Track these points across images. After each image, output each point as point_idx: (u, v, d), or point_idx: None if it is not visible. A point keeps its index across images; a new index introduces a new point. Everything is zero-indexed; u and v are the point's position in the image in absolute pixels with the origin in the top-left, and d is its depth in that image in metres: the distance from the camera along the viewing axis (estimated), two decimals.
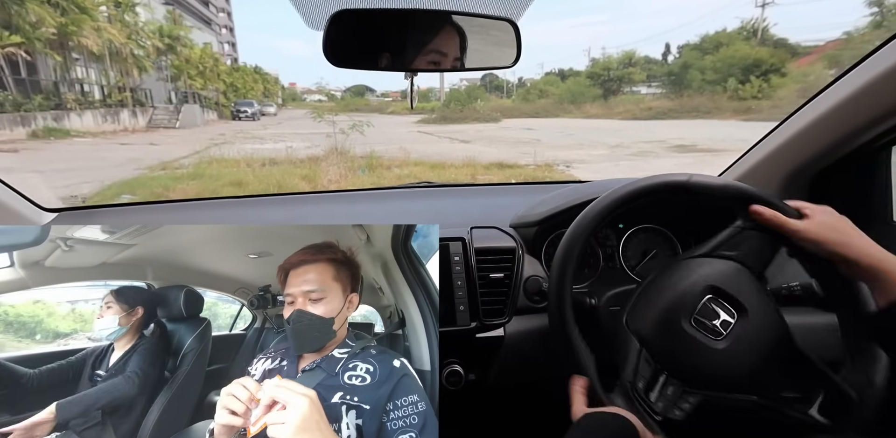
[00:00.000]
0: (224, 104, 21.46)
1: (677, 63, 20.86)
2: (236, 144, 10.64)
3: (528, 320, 0.87)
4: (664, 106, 17.46)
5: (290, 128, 14.14)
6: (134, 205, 1.20)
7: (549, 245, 0.93)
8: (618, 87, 22.10)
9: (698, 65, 18.52)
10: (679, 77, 19.57)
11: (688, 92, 18.15)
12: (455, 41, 0.71)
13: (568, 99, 21.18)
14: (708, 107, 15.83)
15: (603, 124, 15.54)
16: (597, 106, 19.97)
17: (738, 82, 16.21)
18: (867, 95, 0.75)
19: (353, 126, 8.30)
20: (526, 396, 1.01)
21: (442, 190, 1.27)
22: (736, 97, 15.89)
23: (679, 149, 9.47)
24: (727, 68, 17.17)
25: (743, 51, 17.62)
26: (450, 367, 0.85)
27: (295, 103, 24.27)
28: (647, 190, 0.67)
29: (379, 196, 1.24)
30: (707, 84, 17.53)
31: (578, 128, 14.55)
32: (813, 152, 0.86)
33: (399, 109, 25.19)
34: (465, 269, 0.85)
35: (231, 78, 22.56)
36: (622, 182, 0.71)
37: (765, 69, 16.39)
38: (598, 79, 21.99)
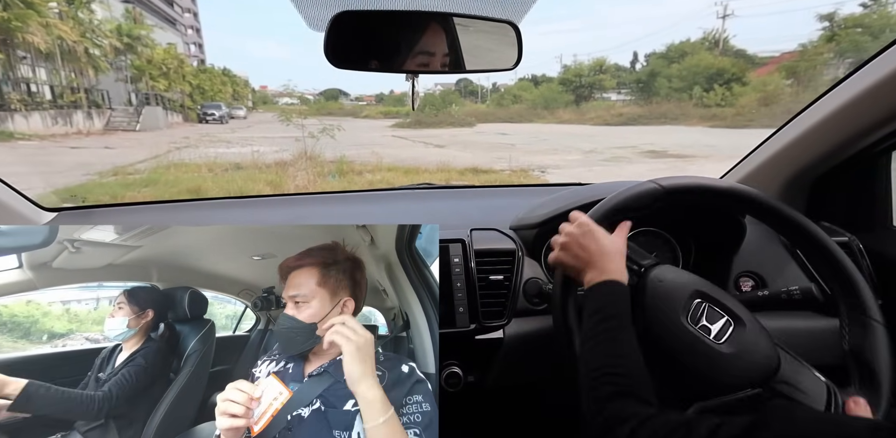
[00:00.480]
0: (190, 107, 20.68)
1: (645, 71, 21.49)
2: (201, 148, 10.18)
3: (528, 322, 0.87)
4: (634, 112, 17.92)
5: (260, 132, 13.68)
6: (135, 204, 1.18)
7: (548, 247, 0.92)
8: (589, 94, 22.59)
9: (665, 73, 19.15)
10: (647, 84, 20.18)
11: (656, 99, 18.71)
12: (457, 43, 0.71)
13: (541, 104, 21.50)
14: (675, 113, 16.33)
15: (576, 129, 15.77)
16: (569, 111, 20.32)
17: (702, 90, 16.82)
18: (867, 100, 0.75)
19: (324, 130, 8.02)
20: (525, 398, 1.01)
21: (442, 191, 1.26)
22: (701, 104, 16.47)
23: (651, 155, 9.63)
24: (692, 76, 17.79)
25: (706, 60, 18.30)
26: (449, 369, 0.85)
27: (266, 106, 23.73)
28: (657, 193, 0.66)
29: (379, 197, 1.23)
30: (674, 91, 18.11)
31: (552, 133, 14.75)
32: (813, 156, 0.87)
33: (373, 113, 24.97)
34: (464, 271, 0.85)
35: (197, 80, 21.72)
36: (625, 184, 0.71)
37: (727, 78, 17.05)
38: (571, 86, 22.45)
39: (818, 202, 0.95)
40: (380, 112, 25.57)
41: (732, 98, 16.12)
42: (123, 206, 1.13)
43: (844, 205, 0.84)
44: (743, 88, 16.41)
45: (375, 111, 26.42)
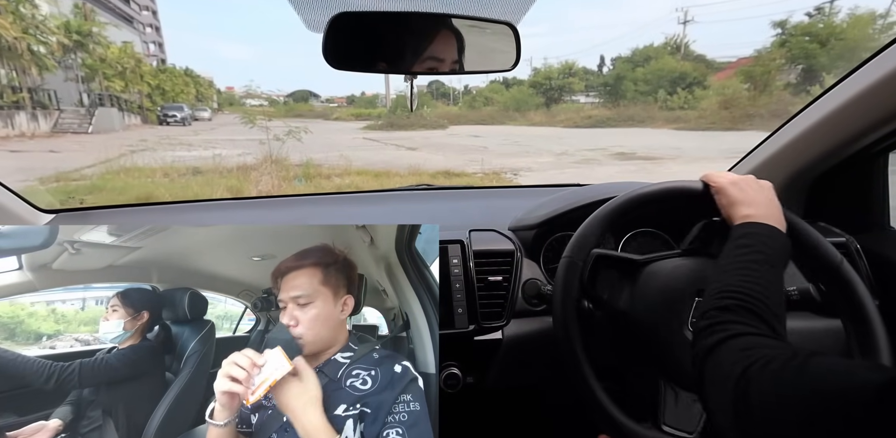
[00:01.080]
0: (149, 108, 19.73)
1: (612, 74, 22.02)
2: (159, 151, 9.63)
3: (527, 323, 0.87)
4: (602, 114, 18.33)
5: (225, 134, 13.15)
6: (133, 206, 1.17)
7: (547, 248, 0.92)
8: (559, 96, 22.99)
9: (631, 76, 19.67)
10: (614, 87, 20.68)
11: (623, 101, 19.19)
12: (454, 44, 0.71)
13: (513, 106, 21.73)
14: (642, 116, 16.77)
15: (547, 132, 15.97)
16: (540, 114, 20.60)
17: (666, 93, 17.36)
18: (865, 101, 0.75)
19: (290, 132, 7.67)
20: (524, 399, 1.01)
21: (441, 192, 1.25)
22: (666, 107, 16.99)
23: (620, 157, 9.77)
24: (657, 80, 18.34)
25: (669, 64, 18.91)
26: (448, 370, 0.85)
27: (233, 108, 23.05)
28: (658, 195, 0.67)
29: (379, 198, 1.23)
30: (640, 94, 18.62)
31: (524, 135, 14.87)
32: (811, 157, 0.86)
33: (344, 115, 24.55)
34: (463, 272, 0.85)
35: (157, 80, 20.74)
36: (624, 185, 0.73)
37: (689, 82, 17.64)
38: (541, 88, 22.80)
39: (816, 203, 0.95)
40: (351, 114, 25.21)
41: (695, 101, 16.69)
42: (123, 208, 1.13)
43: (842, 205, 0.83)
44: (704, 92, 17.02)
45: (347, 113, 26.01)
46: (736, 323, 0.48)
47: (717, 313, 0.50)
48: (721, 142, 10.58)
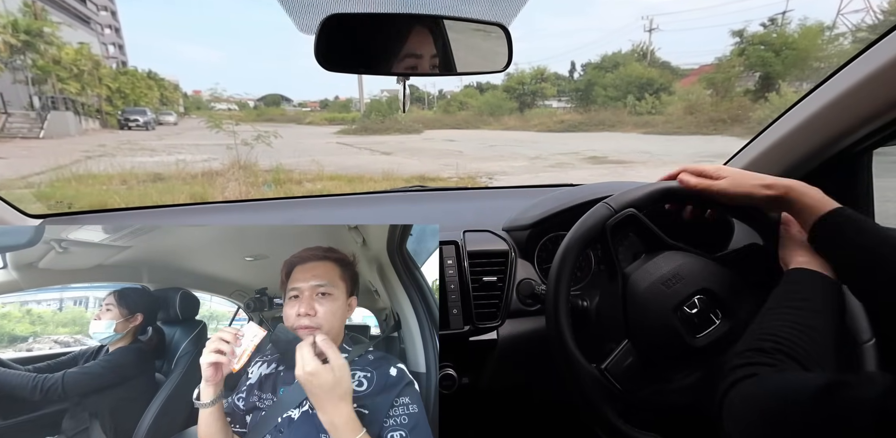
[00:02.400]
0: (109, 112, 18.82)
1: (583, 80, 22.52)
2: (119, 157, 9.12)
3: (521, 323, 0.87)
4: (575, 119, 18.70)
5: (191, 139, 12.67)
6: (122, 210, 1.15)
7: (541, 248, 0.93)
8: (532, 101, 23.31)
9: (601, 82, 20.16)
10: (586, 93, 21.16)
11: (594, 106, 19.63)
12: (447, 46, 0.72)
13: (487, 111, 21.90)
14: (612, 121, 17.18)
15: (521, 136, 16.12)
16: (514, 118, 20.83)
17: (635, 99, 17.83)
18: (847, 100, 0.76)
19: (258, 137, 7.38)
20: (519, 399, 1.01)
21: (435, 193, 1.26)
22: (634, 112, 17.47)
23: (592, 161, 9.93)
24: (625, 86, 18.84)
25: (637, 70, 19.48)
26: (443, 371, 0.84)
27: (200, 112, 22.42)
28: (651, 197, 0.68)
29: (373, 200, 1.23)
30: (610, 100, 19.08)
31: (498, 139, 14.97)
32: (797, 157, 0.87)
33: (318, 120, 24.17)
34: (458, 272, 0.85)
35: (117, 83, 19.83)
36: (621, 185, 0.76)
37: (656, 87, 18.21)
38: (514, 93, 23.09)
39: None
40: (325, 118, 24.84)
41: (661, 106, 17.23)
42: (112, 212, 1.11)
43: None
44: (670, 97, 17.59)
45: (320, 117, 25.61)
46: (769, 365, 0.47)
47: (753, 354, 0.49)
48: (687, 146, 10.94)
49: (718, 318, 0.65)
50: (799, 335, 0.50)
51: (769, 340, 0.50)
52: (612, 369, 0.63)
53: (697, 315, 0.64)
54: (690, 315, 0.64)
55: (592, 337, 0.68)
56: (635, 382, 0.63)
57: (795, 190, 0.60)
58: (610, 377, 0.62)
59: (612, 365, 0.63)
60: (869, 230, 0.56)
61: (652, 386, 0.64)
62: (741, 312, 0.65)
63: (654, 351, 0.64)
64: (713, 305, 0.65)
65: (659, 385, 0.64)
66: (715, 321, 0.65)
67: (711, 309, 0.65)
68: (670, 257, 0.68)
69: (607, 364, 0.63)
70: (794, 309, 0.53)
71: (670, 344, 0.63)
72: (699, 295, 0.65)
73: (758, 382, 0.45)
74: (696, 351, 0.63)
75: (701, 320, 0.64)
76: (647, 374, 0.64)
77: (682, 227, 0.75)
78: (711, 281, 0.66)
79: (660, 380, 0.64)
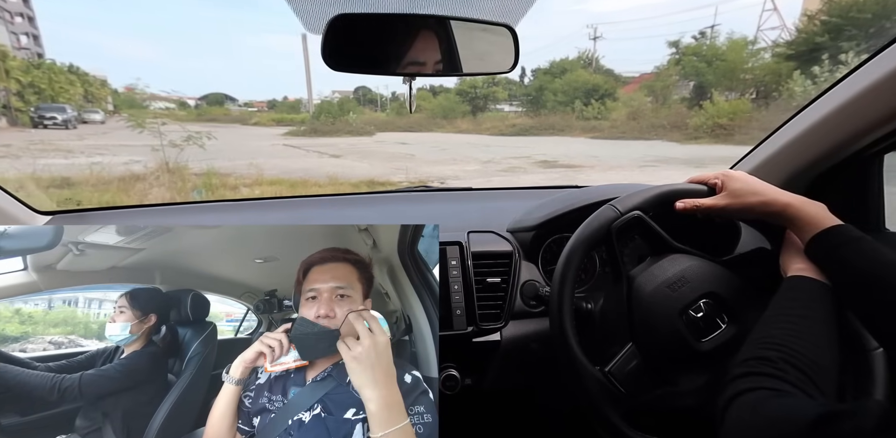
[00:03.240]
0: (20, 108, 16.85)
1: (534, 85, 23.04)
2: (24, 158, 8.07)
3: (525, 324, 0.88)
4: (526, 123, 19.06)
5: (117, 140, 11.56)
6: (129, 208, 1.15)
7: (545, 250, 0.93)
8: (484, 105, 23.50)
9: (551, 87, 20.72)
10: (536, 97, 21.68)
11: (544, 111, 20.08)
12: (454, 46, 0.72)
13: (440, 114, 21.84)
14: (562, 125, 17.67)
15: (473, 139, 16.16)
16: (467, 121, 20.94)
17: (582, 104, 18.40)
18: (858, 104, 0.76)
19: (189, 138, 6.73)
20: (522, 401, 1.02)
21: (440, 194, 1.24)
22: (582, 117, 18.01)
23: (543, 165, 10.02)
24: (573, 91, 19.49)
25: (583, 77, 20.21)
26: (446, 372, 0.85)
27: (133, 110, 20.73)
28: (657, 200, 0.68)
29: (377, 200, 1.22)
30: (559, 104, 19.64)
31: (451, 142, 14.92)
32: (808, 159, 0.87)
33: (265, 120, 23.05)
34: (461, 273, 0.85)
35: (30, 76, 17.78)
36: (620, 188, 0.79)
37: (601, 94, 18.95)
38: (467, 96, 23.18)
39: None
40: (272, 119, 23.76)
41: (607, 112, 17.93)
42: (120, 209, 1.12)
43: (838, 207, 0.81)
44: (614, 103, 18.36)
45: (267, 118, 24.45)
46: (774, 377, 0.47)
47: (756, 363, 0.49)
48: (632, 151, 11.35)
49: (724, 322, 0.65)
50: (801, 343, 0.50)
51: (773, 349, 0.50)
52: (616, 372, 0.62)
53: (703, 319, 0.64)
54: (696, 319, 0.64)
55: (596, 339, 0.68)
56: (639, 385, 0.63)
57: (793, 206, 0.60)
58: (614, 380, 0.62)
59: (616, 368, 0.63)
60: (867, 250, 0.56)
61: (656, 390, 0.64)
62: (747, 317, 0.64)
63: (659, 355, 0.64)
64: (719, 309, 0.65)
65: (663, 389, 0.64)
66: (721, 325, 0.64)
67: (717, 313, 0.65)
68: (676, 260, 0.68)
69: (611, 366, 0.63)
70: (794, 317, 0.54)
71: (675, 347, 0.63)
72: (705, 298, 0.65)
73: (756, 405, 0.45)
74: (701, 355, 0.63)
75: (706, 324, 0.64)
76: (651, 378, 0.64)
77: (689, 230, 0.74)
78: (718, 285, 0.65)
79: (664, 384, 0.64)
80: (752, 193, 0.62)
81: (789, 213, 0.60)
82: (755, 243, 0.73)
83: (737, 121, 12.92)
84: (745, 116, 13.06)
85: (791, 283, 0.58)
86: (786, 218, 0.60)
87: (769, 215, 0.61)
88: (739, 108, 13.40)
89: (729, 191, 0.64)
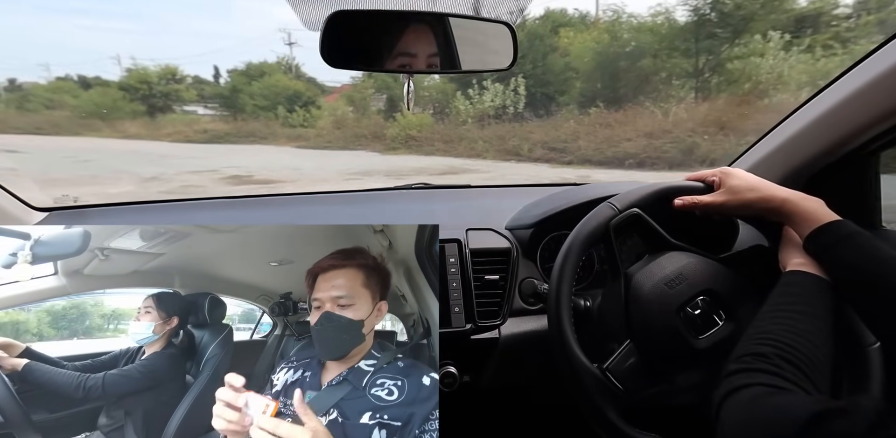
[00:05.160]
0: None
1: (228, 86, 20.43)
2: None
3: (523, 322, 0.92)
4: (221, 129, 16.89)
5: None
6: (127, 204, 1.19)
7: (544, 247, 0.97)
8: (166, 105, 19.11)
9: (247, 90, 19.03)
10: (231, 100, 19.63)
11: (242, 116, 18.10)
12: (452, 44, 0.75)
13: (95, 113, 16.24)
14: (264, 132, 16.53)
15: (144, 147, 12.96)
16: (139, 124, 16.64)
17: (286, 110, 17.44)
18: (855, 102, 0.77)
19: None
20: (520, 398, 1.05)
21: (438, 191, 1.20)
22: (287, 124, 17.13)
23: (233, 181, 8.31)
24: (274, 96, 18.30)
25: (284, 82, 19.30)
26: (444, 369, 0.88)
27: None
28: (655, 196, 0.71)
29: (375, 197, 1.16)
30: (259, 109, 18.26)
31: (104, 150, 11.54)
32: (806, 157, 0.88)
33: None
34: (460, 271, 0.88)
35: None
36: (620, 186, 0.84)
37: (304, 101, 18.52)
38: (138, 94, 18.37)
39: None
40: None
41: (313, 120, 17.61)
42: (116, 206, 1.15)
43: (835, 205, 0.73)
44: (319, 112, 18.17)
45: None
46: (769, 373, 0.48)
47: (752, 359, 0.50)
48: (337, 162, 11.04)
49: (722, 320, 0.67)
50: (797, 339, 0.51)
51: (768, 344, 0.51)
52: (614, 369, 0.64)
53: (700, 316, 0.66)
54: (693, 316, 0.66)
55: (594, 336, 0.70)
56: (637, 382, 0.65)
57: (791, 202, 0.63)
58: (611, 377, 0.64)
59: (613, 366, 0.64)
60: (865, 245, 0.57)
61: (654, 387, 0.66)
62: (745, 314, 0.66)
63: (657, 352, 0.66)
64: (717, 306, 0.67)
65: (660, 386, 0.66)
66: (718, 322, 0.67)
67: (715, 311, 0.67)
68: (674, 257, 0.70)
69: (609, 364, 0.65)
70: (790, 313, 0.55)
71: (673, 344, 0.65)
72: (703, 296, 0.67)
73: (751, 402, 0.46)
74: (698, 353, 0.65)
75: (704, 321, 0.66)
76: (648, 375, 0.65)
77: (686, 228, 0.76)
78: (715, 282, 0.68)
79: (662, 381, 0.66)
80: (749, 189, 0.65)
81: (787, 209, 0.62)
82: (753, 240, 0.76)
83: (424, 133, 14.76)
84: (429, 129, 15.09)
85: (789, 278, 0.60)
86: (784, 213, 0.63)
87: (767, 211, 0.65)
88: (424, 122, 15.37)
89: (727, 188, 0.67)
